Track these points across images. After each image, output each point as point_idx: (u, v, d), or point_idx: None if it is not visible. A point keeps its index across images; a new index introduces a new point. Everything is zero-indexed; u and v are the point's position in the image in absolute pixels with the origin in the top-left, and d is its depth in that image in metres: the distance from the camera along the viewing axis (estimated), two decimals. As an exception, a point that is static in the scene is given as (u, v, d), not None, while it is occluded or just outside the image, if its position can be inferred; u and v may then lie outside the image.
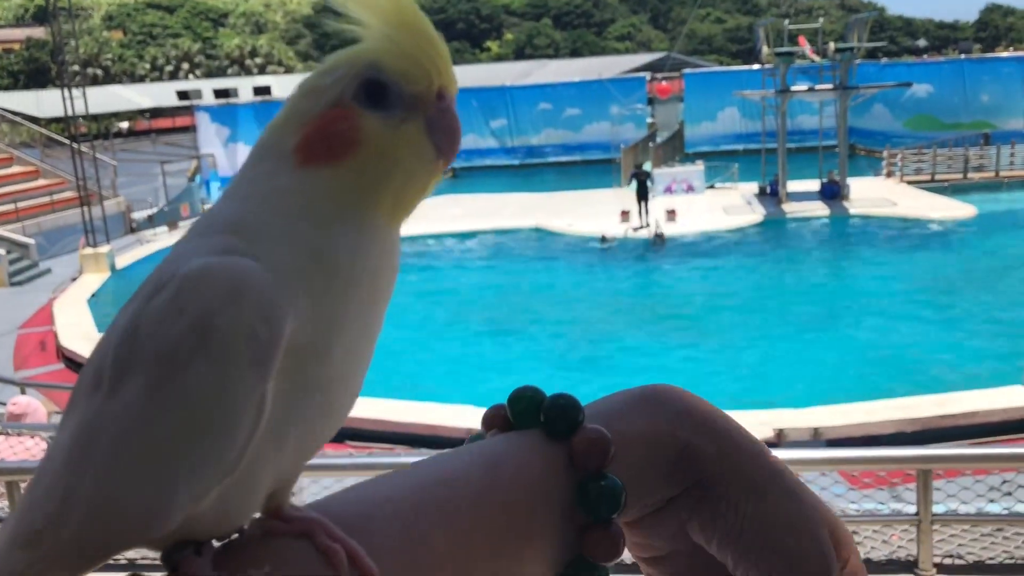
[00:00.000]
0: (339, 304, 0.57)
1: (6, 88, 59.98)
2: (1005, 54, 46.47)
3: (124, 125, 56.30)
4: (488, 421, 0.65)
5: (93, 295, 18.95)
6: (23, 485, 4.42)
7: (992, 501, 3.80)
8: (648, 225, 22.09)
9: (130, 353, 0.53)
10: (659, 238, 21.27)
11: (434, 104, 0.60)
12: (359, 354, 0.61)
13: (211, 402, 0.52)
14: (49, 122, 39.41)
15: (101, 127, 50.49)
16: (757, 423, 9.85)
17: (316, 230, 0.56)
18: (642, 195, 22.45)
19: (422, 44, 0.60)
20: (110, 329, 0.56)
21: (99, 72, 67.95)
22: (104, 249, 21.21)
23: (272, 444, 0.55)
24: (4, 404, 8.99)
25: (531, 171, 38.21)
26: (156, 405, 0.51)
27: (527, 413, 0.61)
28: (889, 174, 27.96)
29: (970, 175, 26.90)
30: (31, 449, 6.43)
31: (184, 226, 26.65)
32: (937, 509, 3.42)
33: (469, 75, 53.55)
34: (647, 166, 26.13)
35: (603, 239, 20.41)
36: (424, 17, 0.61)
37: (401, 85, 0.59)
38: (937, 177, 26.98)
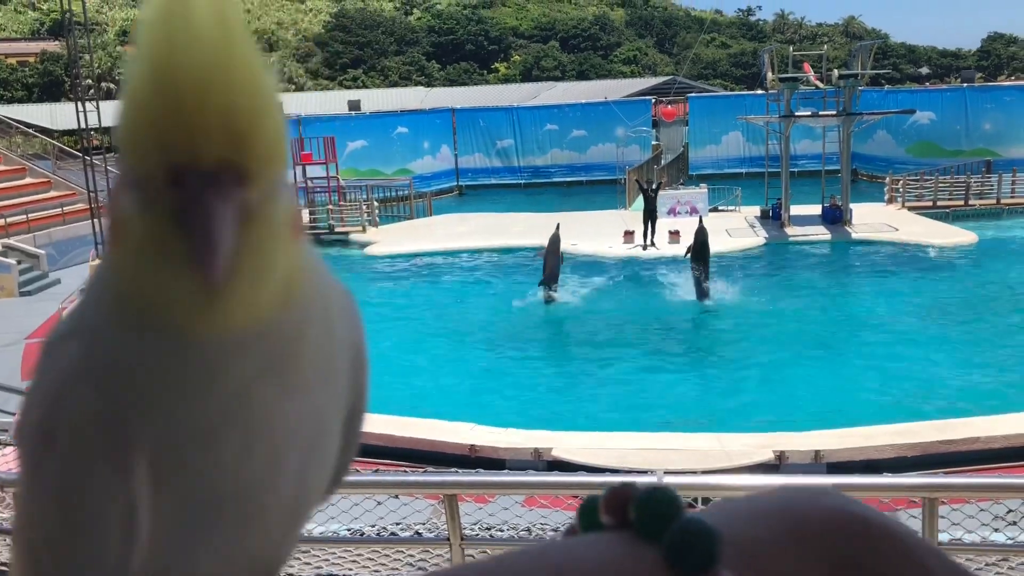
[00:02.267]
0: (193, 414, 0.51)
1: (21, 100, 60.46)
2: (1007, 83, 46.73)
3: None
4: (609, 504, 0.47)
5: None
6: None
7: (997, 530, 3.83)
8: (654, 244, 22.63)
9: (18, 434, 0.54)
10: (675, 235, 22.28)
11: (169, 190, 0.46)
12: (276, 459, 0.54)
13: (66, 502, 0.50)
14: (62, 134, 39.79)
15: (113, 140, 50.81)
16: (758, 446, 9.96)
17: (123, 333, 0.51)
18: (649, 213, 22.86)
19: (160, 99, 0.45)
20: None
21: (112, 86, 68.49)
22: (113, 262, 21.39)
23: (183, 558, 0.52)
24: (13, 414, 9.12)
25: (537, 191, 38.45)
26: (26, 502, 0.52)
27: (651, 521, 0.45)
28: (891, 200, 28.13)
29: (971, 202, 27.06)
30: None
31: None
32: (942, 537, 3.40)
33: (477, 96, 53.91)
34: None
35: (547, 298, 18.21)
36: (186, 53, 0.45)
37: (150, 175, 0.46)
38: (939, 204, 27.14)
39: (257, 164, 0.47)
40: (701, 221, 18.15)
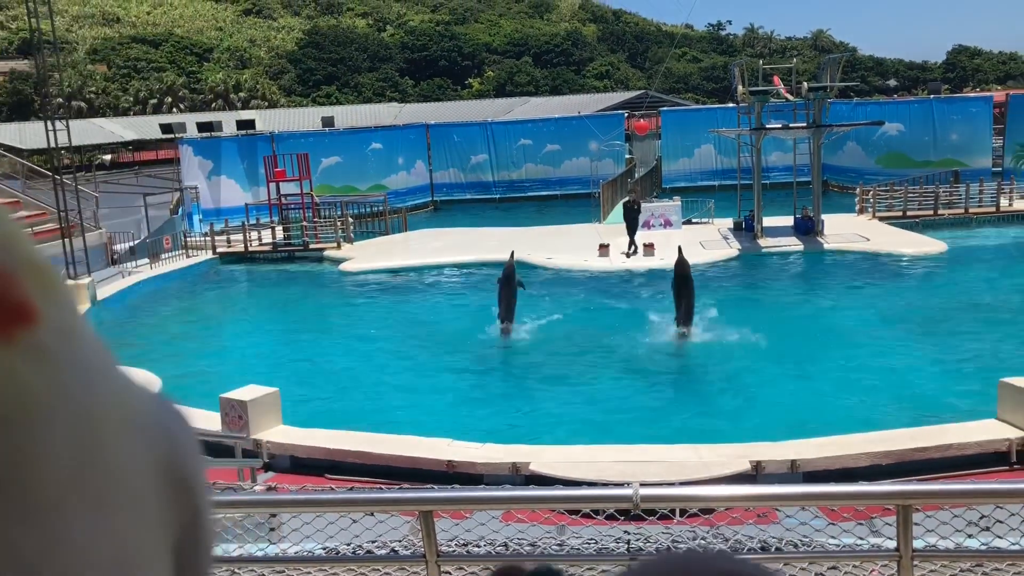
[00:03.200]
0: None
1: (-10, 120, 59.77)
2: (972, 95, 47.57)
3: (107, 157, 56.15)
4: None
5: (72, 328, 18.86)
6: None
7: (971, 536, 3.84)
8: (637, 251, 23.36)
9: None
10: (649, 247, 23.06)
11: None
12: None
13: None
14: (32, 154, 39.30)
15: (84, 159, 50.37)
16: (735, 456, 9.99)
17: None
18: (632, 223, 23.85)
19: None
20: None
21: (83, 105, 67.93)
22: (85, 281, 21.17)
23: None
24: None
25: (512, 205, 38.52)
26: None
27: None
28: (862, 210, 28.47)
29: (940, 212, 27.44)
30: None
31: (166, 258, 26.63)
32: (916, 544, 3.39)
33: (451, 111, 54.02)
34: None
35: (504, 331, 16.91)
36: None
37: None
38: (908, 214, 27.50)
39: None
40: (680, 252, 16.72)
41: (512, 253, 17.88)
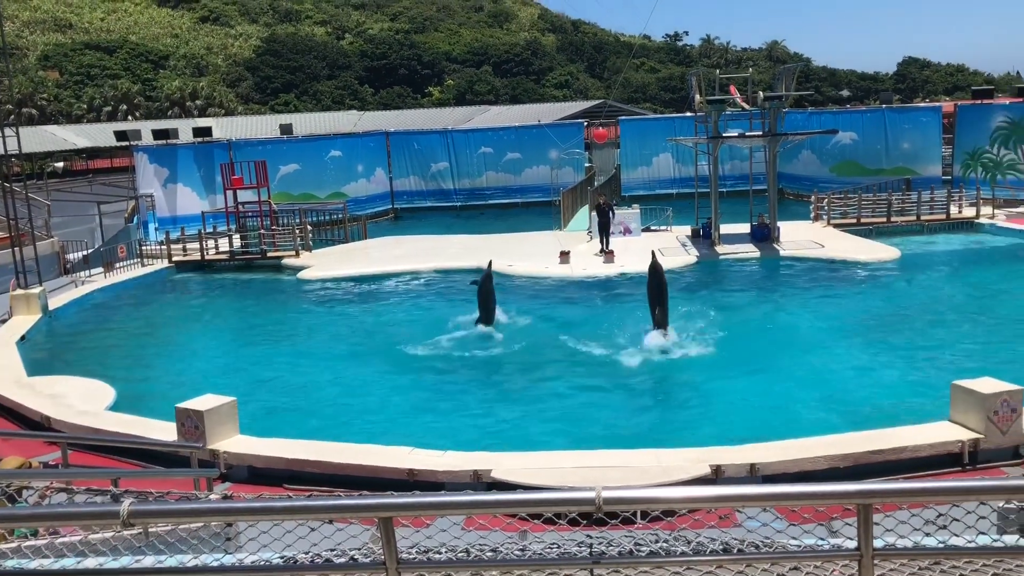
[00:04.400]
0: None
1: (-67, 127, 58.21)
2: (923, 104, 48.63)
3: (60, 165, 55.02)
4: None
5: (23, 337, 18.43)
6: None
7: (928, 535, 3.88)
8: (609, 251, 24.20)
9: None
10: (610, 255, 23.89)
11: None
12: None
13: None
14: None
15: (35, 167, 49.33)
16: (695, 460, 10.04)
17: None
18: (603, 225, 25.06)
19: None
20: None
21: (34, 112, 66.56)
22: (36, 290, 20.69)
23: None
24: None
25: (472, 213, 38.52)
26: None
27: None
28: (817, 218, 28.92)
29: (893, 219, 27.97)
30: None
31: (121, 267, 26.13)
32: (876, 544, 3.39)
33: (412, 119, 53.89)
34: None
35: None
36: None
37: None
38: (862, 221, 27.99)
39: None
40: (654, 256, 17.51)
41: (490, 263, 18.93)
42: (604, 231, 25.25)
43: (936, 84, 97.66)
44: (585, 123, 44.08)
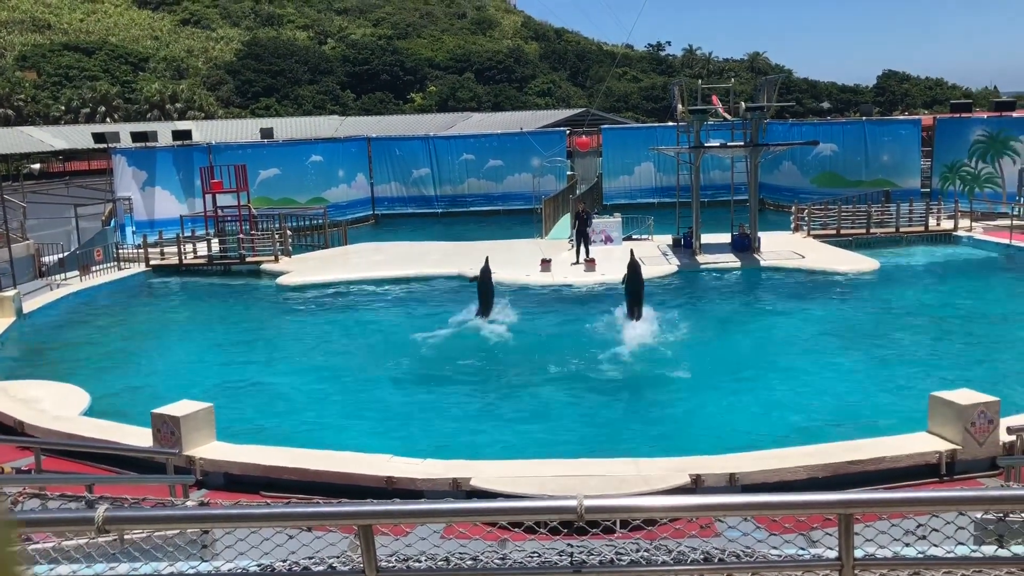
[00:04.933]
0: None
1: (-88, 127, 57.51)
2: (902, 117, 49.12)
3: (36, 167, 54.42)
4: None
5: (-4, 340, 18.21)
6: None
7: (908, 545, 3.89)
8: (586, 261, 24.28)
9: None
10: (591, 263, 23.94)
11: None
12: None
13: None
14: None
15: (11, 168, 48.79)
16: (675, 470, 10.04)
17: None
18: (582, 233, 25.18)
19: None
20: None
21: (10, 113, 65.86)
22: (10, 293, 20.43)
23: None
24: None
25: (454, 220, 38.46)
26: None
27: None
28: (797, 228, 29.11)
29: (872, 230, 28.20)
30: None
31: (97, 271, 25.86)
32: (856, 553, 3.41)
33: (393, 125, 53.78)
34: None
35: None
36: None
37: None
38: (842, 232, 28.20)
39: None
40: (632, 252, 19.28)
41: (487, 258, 19.94)
42: (582, 238, 25.32)
43: (915, 97, 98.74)
44: (567, 131, 44.18)
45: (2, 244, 21.67)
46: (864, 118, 38.94)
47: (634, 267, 18.69)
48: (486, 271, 19.66)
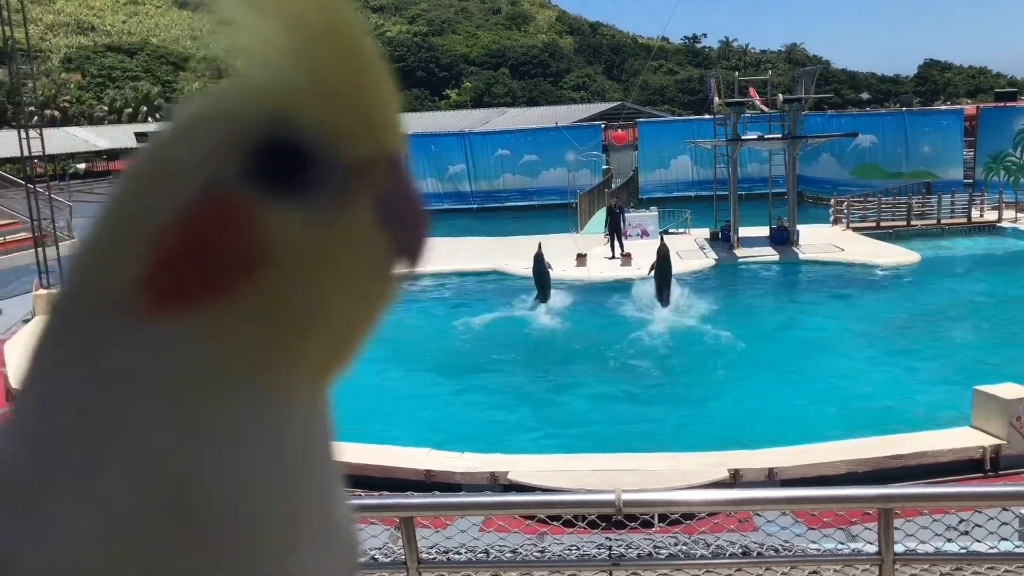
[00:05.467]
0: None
1: (-39, 129, 58.99)
2: (943, 107, 48.27)
3: (81, 167, 55.55)
4: None
5: (44, 338, 18.63)
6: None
7: (950, 540, 3.87)
8: (622, 255, 24.06)
9: None
10: (627, 257, 23.70)
11: (387, 175, 0.39)
12: None
13: None
14: (4, 162, 38.86)
15: (57, 168, 49.84)
16: (712, 464, 10.02)
17: (181, 446, 0.32)
18: (615, 227, 24.87)
19: (362, 75, 0.36)
20: None
21: (56, 114, 67.27)
22: (57, 290, 20.89)
23: None
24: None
25: (489, 215, 38.53)
26: None
27: None
28: (836, 221, 28.74)
29: (913, 222, 27.76)
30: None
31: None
32: (897, 548, 3.41)
33: (429, 122, 54.03)
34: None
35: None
36: (361, 29, 0.37)
37: (331, 148, 0.35)
38: (882, 224, 27.80)
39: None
40: (662, 238, 20.25)
41: (540, 244, 20.73)
42: (615, 232, 25.17)
43: (958, 87, 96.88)
44: (603, 125, 44.03)
45: (50, 243, 22.18)
46: (904, 108, 38.34)
47: (663, 254, 19.27)
48: (539, 257, 20.34)
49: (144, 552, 0.31)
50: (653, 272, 19.72)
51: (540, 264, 20.42)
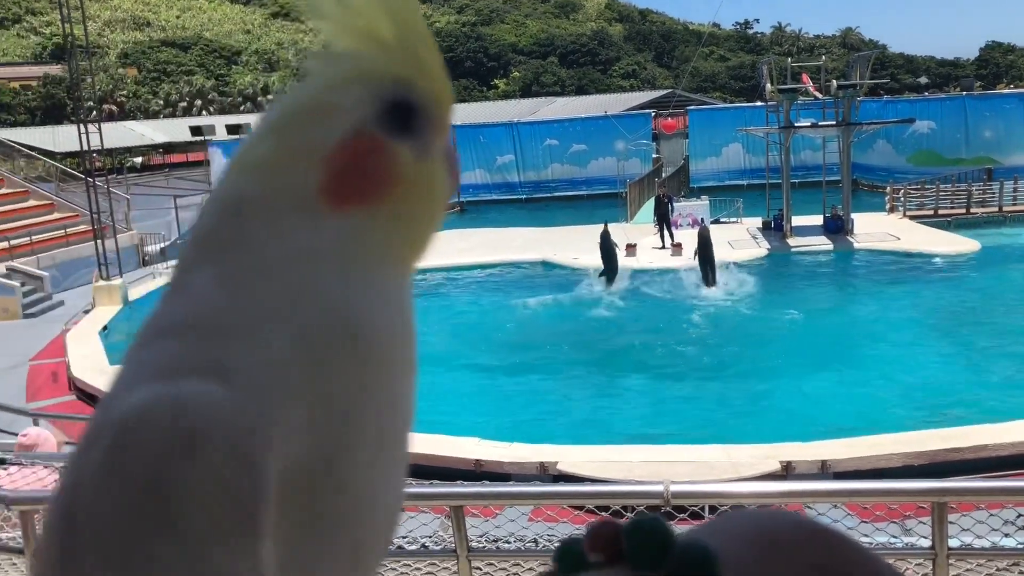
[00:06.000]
0: (367, 393, 0.51)
1: (24, 124, 60.81)
2: (1006, 91, 46.82)
3: (138, 160, 56.86)
4: (596, 540, 0.43)
5: (105, 327, 19.12)
6: (36, 516, 4.50)
7: (1007, 535, 3.79)
8: (672, 246, 23.89)
9: (73, 549, 0.42)
10: (677, 247, 23.57)
11: (447, 132, 0.56)
12: (396, 446, 0.57)
13: None
14: (64, 157, 39.95)
15: (115, 162, 51.05)
16: (764, 456, 9.92)
17: (349, 298, 0.49)
18: (663, 217, 24.66)
19: (438, 59, 0.53)
20: (56, 498, 0.45)
21: (114, 108, 68.89)
22: (117, 282, 21.43)
23: None
24: (16, 435, 9.10)
25: (538, 205, 38.49)
26: None
27: (648, 552, 0.42)
28: (892, 209, 28.12)
29: (973, 210, 27.03)
30: (44, 480, 6.45)
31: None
32: (951, 543, 3.38)
33: (477, 112, 54.10)
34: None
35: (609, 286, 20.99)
36: (424, 22, 0.54)
37: (432, 108, 0.52)
38: (940, 212, 27.13)
39: None
40: (703, 221, 21.38)
41: (605, 223, 21.29)
42: (664, 222, 24.95)
43: (1021, 69, 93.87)
44: (652, 113, 43.64)
45: (109, 235, 22.75)
46: (964, 93, 37.31)
47: (703, 236, 20.13)
48: (605, 234, 20.82)
49: (325, 364, 0.47)
50: (696, 256, 20.35)
51: (607, 241, 20.86)
